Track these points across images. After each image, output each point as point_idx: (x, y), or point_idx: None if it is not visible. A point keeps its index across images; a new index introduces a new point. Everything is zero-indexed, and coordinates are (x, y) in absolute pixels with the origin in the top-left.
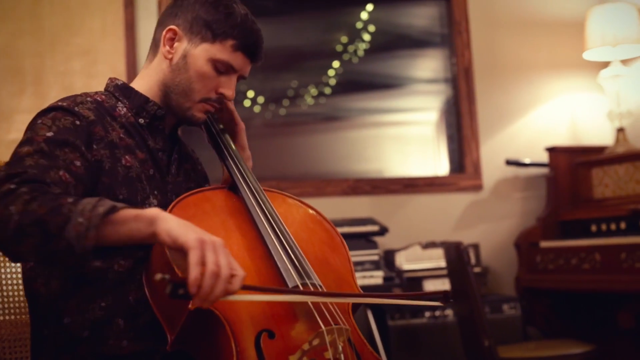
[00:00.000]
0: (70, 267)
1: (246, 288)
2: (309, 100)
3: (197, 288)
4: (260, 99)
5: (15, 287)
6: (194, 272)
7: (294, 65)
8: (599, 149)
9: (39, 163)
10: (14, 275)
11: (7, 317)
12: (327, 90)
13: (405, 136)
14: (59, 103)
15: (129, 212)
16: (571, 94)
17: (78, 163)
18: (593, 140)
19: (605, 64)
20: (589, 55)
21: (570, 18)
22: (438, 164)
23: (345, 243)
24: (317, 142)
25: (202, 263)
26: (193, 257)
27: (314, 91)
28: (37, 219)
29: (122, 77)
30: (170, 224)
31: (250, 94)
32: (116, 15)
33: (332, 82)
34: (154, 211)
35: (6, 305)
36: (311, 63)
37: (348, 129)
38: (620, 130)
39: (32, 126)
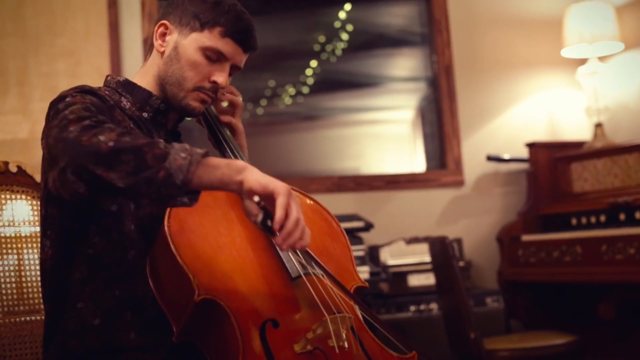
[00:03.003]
0: (152, 200)
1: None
2: (287, 99)
3: (280, 226)
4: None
5: (9, 286)
6: (280, 212)
7: (271, 64)
8: (578, 144)
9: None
10: (7, 273)
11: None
12: (305, 90)
13: (382, 134)
14: (78, 87)
15: (221, 159)
16: (550, 91)
17: None
18: (572, 136)
19: (583, 61)
20: (566, 53)
21: (548, 16)
22: (415, 161)
23: (344, 231)
24: (296, 141)
25: (287, 209)
26: (281, 200)
27: (291, 90)
28: (133, 147)
29: None
30: (259, 174)
31: None
32: (99, 16)
33: (310, 81)
34: (242, 162)
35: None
36: (289, 62)
37: (326, 127)
38: (598, 125)
39: (58, 106)
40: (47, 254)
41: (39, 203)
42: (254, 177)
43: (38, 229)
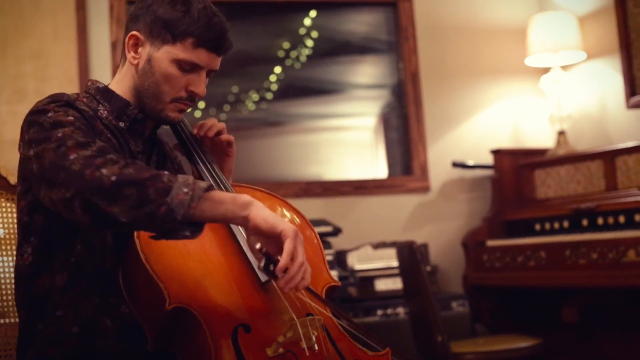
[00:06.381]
0: (155, 234)
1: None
2: (250, 105)
3: (283, 272)
4: (201, 104)
5: None
6: (286, 259)
7: (235, 70)
8: (541, 151)
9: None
10: None
11: None
12: (269, 96)
13: (345, 140)
14: (56, 98)
15: (225, 193)
16: (514, 98)
17: None
18: (535, 143)
19: (547, 70)
20: (530, 61)
21: (513, 25)
22: (377, 167)
23: (315, 231)
24: (260, 147)
25: (294, 255)
26: (289, 246)
27: (255, 96)
28: (136, 181)
29: (74, 80)
30: (266, 212)
31: None
32: (68, 18)
33: (274, 87)
34: (247, 197)
35: None
36: (253, 68)
37: (290, 134)
38: (561, 133)
39: (41, 120)
40: (26, 260)
41: (12, 205)
42: (261, 215)
43: (10, 231)
